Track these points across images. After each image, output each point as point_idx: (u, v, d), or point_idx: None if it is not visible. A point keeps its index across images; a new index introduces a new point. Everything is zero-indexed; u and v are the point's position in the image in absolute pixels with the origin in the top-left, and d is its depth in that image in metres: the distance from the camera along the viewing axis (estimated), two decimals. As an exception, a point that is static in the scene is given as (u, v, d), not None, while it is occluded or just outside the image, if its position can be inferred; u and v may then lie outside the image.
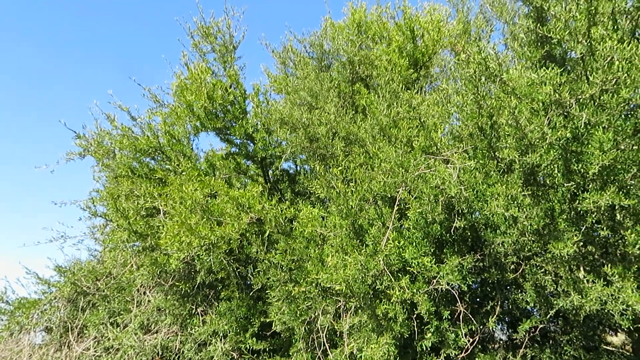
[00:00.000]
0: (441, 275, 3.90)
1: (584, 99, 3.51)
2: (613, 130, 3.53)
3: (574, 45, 3.41)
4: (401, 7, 6.66)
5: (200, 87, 5.94)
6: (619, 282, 3.48)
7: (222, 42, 6.80)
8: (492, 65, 3.42)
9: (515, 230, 4.13)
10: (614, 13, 3.93)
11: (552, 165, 3.90)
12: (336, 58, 6.74)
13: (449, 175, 3.70)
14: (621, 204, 3.30)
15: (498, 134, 3.78)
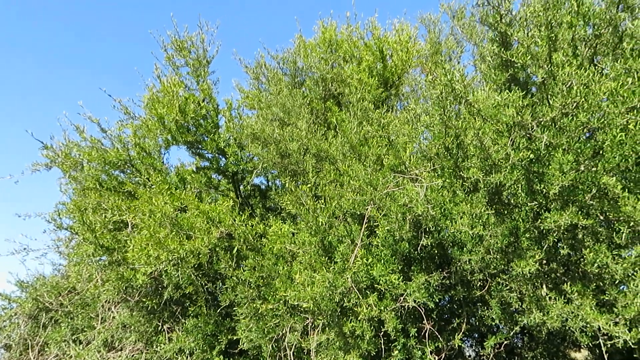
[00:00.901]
0: (408, 292, 3.94)
1: (546, 121, 3.64)
2: (573, 152, 3.66)
3: (535, 70, 3.54)
4: (370, 27, 6.78)
5: (172, 101, 5.91)
6: (578, 300, 3.57)
7: (196, 56, 6.80)
8: (458, 87, 3.51)
9: (481, 248, 4.21)
10: (574, 40, 4.10)
11: (515, 185, 4.01)
12: (309, 75, 6.81)
13: (416, 194, 3.76)
14: (580, 223, 3.40)
15: (464, 153, 3.87)
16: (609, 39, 4.16)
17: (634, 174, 3.65)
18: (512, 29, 3.87)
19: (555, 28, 3.94)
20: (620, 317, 3.52)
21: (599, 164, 3.61)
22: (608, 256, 3.57)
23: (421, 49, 7.03)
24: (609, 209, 3.74)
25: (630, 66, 3.50)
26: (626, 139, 3.40)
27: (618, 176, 3.63)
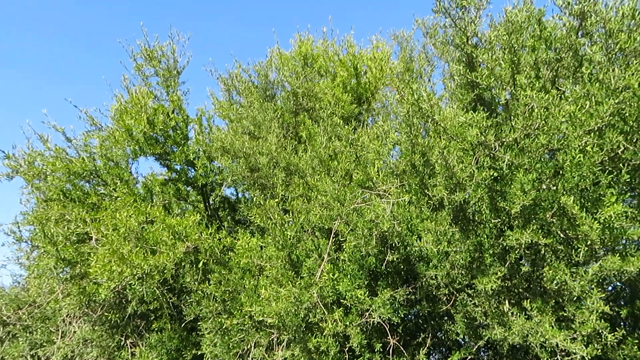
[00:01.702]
0: (374, 308, 3.96)
1: (508, 141, 3.74)
2: (535, 172, 3.76)
3: (499, 91, 3.64)
4: (346, 44, 6.88)
5: (140, 112, 5.83)
6: (538, 316, 3.65)
7: (166, 66, 6.74)
8: (425, 106, 3.58)
9: (447, 264, 4.27)
10: (537, 63, 4.23)
11: (480, 203, 4.09)
12: (281, 88, 6.84)
13: (383, 210, 3.79)
14: (539, 241, 3.49)
15: (430, 171, 3.94)
16: (570, 63, 4.31)
17: (591, 194, 3.77)
18: (477, 51, 3.98)
19: (519, 51, 4.07)
20: (578, 333, 3.61)
21: (559, 183, 3.72)
22: (567, 273, 3.67)
23: (395, 67, 7.15)
24: (568, 227, 3.86)
25: (589, 90, 3.64)
26: (584, 161, 3.51)
27: (577, 196, 3.74)
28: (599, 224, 3.52)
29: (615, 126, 3.71)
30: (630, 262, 3.39)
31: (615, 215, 3.41)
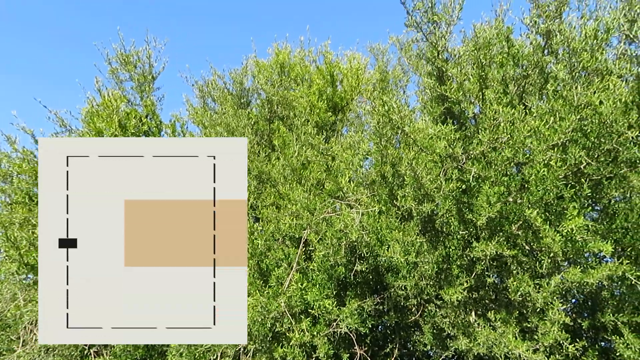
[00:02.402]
0: (341, 318, 3.96)
1: (476, 154, 3.81)
2: (502, 185, 3.84)
3: (467, 105, 3.71)
4: (322, 52, 6.93)
5: (112, 115, 5.76)
6: (502, 327, 3.71)
7: (142, 71, 6.70)
8: (395, 118, 3.63)
9: (416, 274, 4.30)
10: (505, 79, 4.34)
11: (448, 214, 4.15)
12: (256, 96, 6.85)
13: (352, 220, 3.81)
14: (504, 253, 3.55)
15: (400, 182, 3.98)
16: (536, 80, 4.43)
17: (555, 207, 3.87)
18: (448, 65, 4.05)
19: (488, 67, 4.17)
20: (540, 344, 3.68)
21: (524, 196, 3.80)
22: (530, 285, 3.74)
23: (370, 77, 7.23)
24: (532, 239, 3.94)
25: (553, 106, 3.74)
26: (548, 175, 3.60)
27: (541, 209, 3.83)
28: (562, 237, 3.60)
29: (577, 142, 3.83)
30: (590, 275, 3.47)
31: (576, 228, 3.49)
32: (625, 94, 3.56)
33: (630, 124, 3.55)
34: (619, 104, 3.50)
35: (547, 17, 3.97)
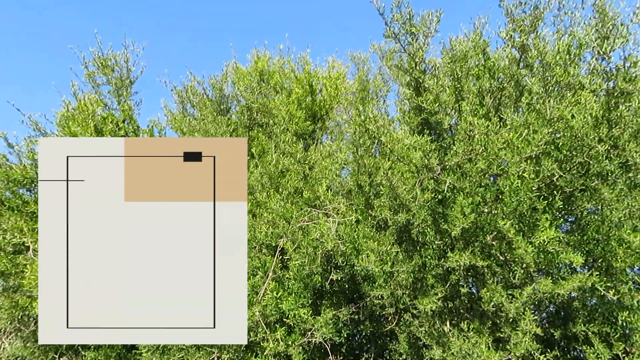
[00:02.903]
0: (316, 327, 3.94)
1: (451, 165, 3.85)
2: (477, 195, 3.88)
3: (443, 116, 3.75)
4: (302, 61, 6.95)
5: (88, 119, 5.67)
6: (475, 337, 3.73)
7: (119, 75, 6.62)
8: (372, 128, 3.64)
9: (392, 283, 4.31)
10: (482, 91, 4.40)
11: (423, 224, 4.17)
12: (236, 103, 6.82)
13: (328, 229, 3.81)
14: (477, 264, 3.58)
15: (376, 191, 3.99)
16: (512, 92, 4.50)
17: (528, 218, 3.92)
18: (425, 77, 4.10)
19: (464, 79, 4.22)
20: (512, 354, 3.71)
21: (499, 207, 3.85)
22: (503, 295, 3.77)
23: (350, 87, 7.26)
24: (506, 250, 3.98)
25: (527, 119, 3.81)
26: (522, 186, 3.65)
27: (515, 220, 3.88)
28: (534, 248, 3.66)
29: (550, 154, 3.89)
30: (561, 286, 3.52)
31: (548, 239, 3.55)
32: (596, 109, 3.64)
33: (600, 137, 3.63)
34: (589, 119, 3.58)
35: (521, 31, 4.05)
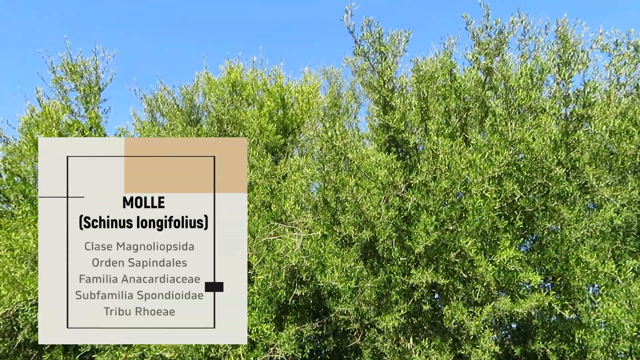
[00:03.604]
0: (279, 343, 3.91)
1: (416, 183, 3.90)
2: (440, 213, 3.94)
3: (408, 135, 3.80)
4: (275, 74, 6.97)
5: (52, 126, 5.54)
6: (436, 355, 3.76)
7: (88, 82, 6.52)
8: (338, 144, 3.67)
9: (357, 299, 4.32)
10: (448, 111, 4.49)
11: (388, 241, 4.20)
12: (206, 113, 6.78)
13: (293, 244, 3.80)
14: (438, 282, 3.62)
15: (341, 207, 4.01)
16: (477, 113, 4.62)
17: (490, 237, 4.00)
18: (393, 95, 4.16)
19: (431, 98, 4.31)
20: (472, 371, 3.75)
21: (462, 225, 3.91)
22: (464, 313, 3.82)
23: (322, 101, 7.31)
24: (468, 268, 4.05)
25: (490, 140, 3.90)
26: (484, 206, 3.73)
27: (478, 238, 3.95)
28: (495, 267, 3.73)
29: (512, 175, 3.99)
30: (519, 304, 3.59)
31: (508, 258, 3.62)
32: (556, 132, 3.76)
33: (559, 160, 3.75)
34: (549, 141, 3.69)
35: (487, 54, 4.16)
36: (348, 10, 3.94)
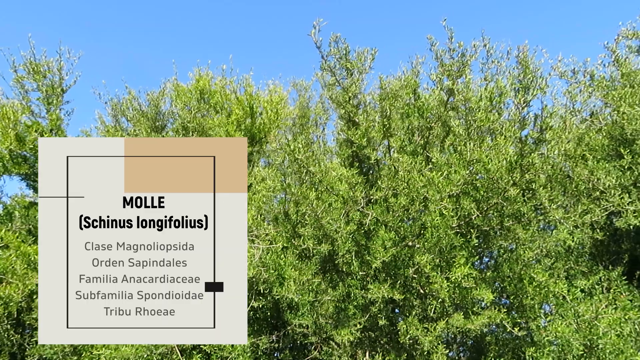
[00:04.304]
0: (233, 355, 3.86)
1: (376, 199, 3.95)
2: (400, 229, 4.00)
3: (370, 151, 3.86)
4: (244, 83, 6.96)
5: (8, 127, 5.37)
6: (390, 370, 3.79)
7: (51, 82, 6.36)
8: (300, 157, 3.69)
9: (315, 312, 4.32)
10: (411, 129, 4.58)
11: (348, 255, 4.23)
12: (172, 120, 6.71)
13: (251, 256, 3.78)
14: (393, 297, 3.66)
15: (302, 220, 4.02)
16: (439, 132, 4.72)
17: (446, 254, 4.08)
18: (357, 111, 4.21)
19: (394, 116, 4.38)
20: (425, 387, 3.80)
21: (421, 242, 3.98)
22: (419, 329, 3.87)
23: (290, 112, 7.32)
24: (425, 284, 4.11)
25: (449, 159, 3.99)
26: (441, 223, 3.80)
27: (436, 255, 4.01)
28: (450, 283, 3.79)
29: (469, 194, 4.09)
30: (472, 321, 3.66)
31: (463, 276, 3.70)
32: (512, 155, 3.87)
33: (514, 181, 3.86)
34: (505, 163, 3.80)
35: (449, 76, 4.26)
36: (316, 25, 3.98)
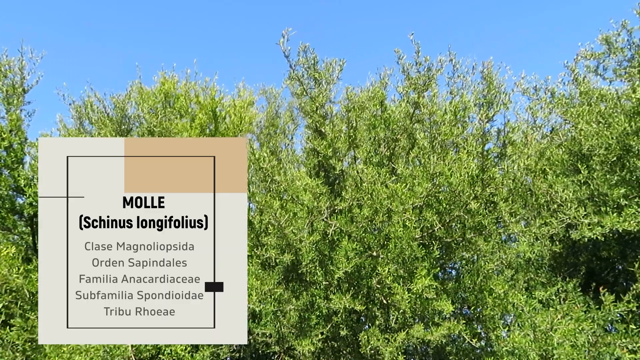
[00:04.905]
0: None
1: (340, 209, 3.97)
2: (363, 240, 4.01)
3: (335, 162, 3.88)
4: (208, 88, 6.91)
5: (-37, 127, 5.18)
6: (350, 381, 3.79)
7: (11, 82, 6.18)
8: (265, 166, 3.68)
9: (278, 322, 4.29)
10: (377, 140, 4.62)
11: (311, 265, 4.23)
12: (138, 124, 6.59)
13: (213, 264, 3.73)
14: (355, 308, 3.67)
15: (265, 229, 4.00)
16: (405, 144, 4.78)
17: (408, 265, 4.12)
18: (324, 121, 4.23)
19: (361, 127, 4.42)
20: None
21: (384, 253, 4.00)
22: (380, 339, 3.89)
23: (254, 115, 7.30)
24: (387, 294, 4.13)
25: (413, 171, 4.05)
26: (404, 234, 3.84)
27: (399, 265, 4.05)
28: (411, 295, 3.83)
29: (432, 206, 4.15)
30: (432, 332, 3.70)
31: (424, 287, 3.73)
32: (473, 168, 3.96)
33: (475, 195, 3.94)
34: (466, 177, 3.88)
35: (415, 89, 4.33)
36: (285, 34, 3.99)
